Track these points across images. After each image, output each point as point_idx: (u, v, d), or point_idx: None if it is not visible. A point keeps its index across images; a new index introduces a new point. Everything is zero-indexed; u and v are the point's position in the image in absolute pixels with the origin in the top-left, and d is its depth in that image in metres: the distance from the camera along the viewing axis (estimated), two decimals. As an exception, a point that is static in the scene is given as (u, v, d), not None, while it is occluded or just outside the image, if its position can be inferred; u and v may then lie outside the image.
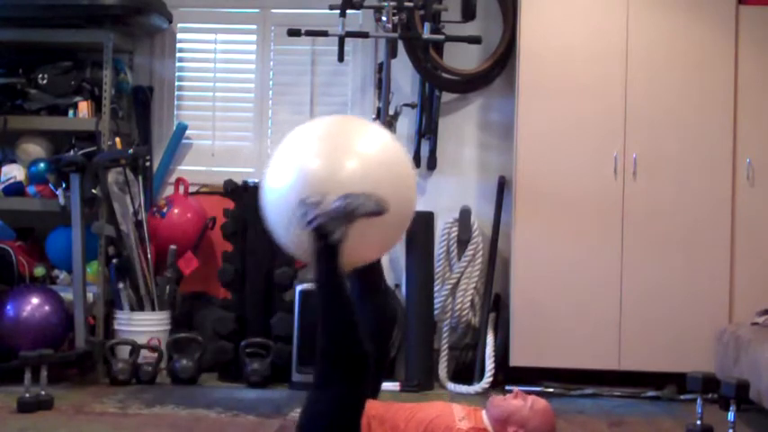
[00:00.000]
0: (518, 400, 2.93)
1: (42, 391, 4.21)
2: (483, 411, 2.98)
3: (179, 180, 5.47)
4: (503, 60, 5.34)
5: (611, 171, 4.85)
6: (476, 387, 4.88)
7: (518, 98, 4.94)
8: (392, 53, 4.94)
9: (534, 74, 4.91)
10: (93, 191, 4.89)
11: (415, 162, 5.26)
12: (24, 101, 5.19)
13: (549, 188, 4.88)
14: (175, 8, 5.53)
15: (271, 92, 5.64)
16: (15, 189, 5.12)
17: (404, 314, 4.97)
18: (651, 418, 4.34)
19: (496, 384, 4.92)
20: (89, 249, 4.94)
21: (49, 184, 5.05)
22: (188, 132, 5.59)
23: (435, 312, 5.10)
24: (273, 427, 3.97)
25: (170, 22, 5.51)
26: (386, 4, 4.87)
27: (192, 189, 5.54)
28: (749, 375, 3.98)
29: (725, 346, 4.53)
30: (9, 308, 4.80)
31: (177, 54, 5.67)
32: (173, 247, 5.20)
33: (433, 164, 5.36)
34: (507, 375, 4.94)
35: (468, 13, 4.99)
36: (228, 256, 5.08)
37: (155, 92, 5.61)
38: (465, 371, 5.15)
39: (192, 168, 5.60)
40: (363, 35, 5.05)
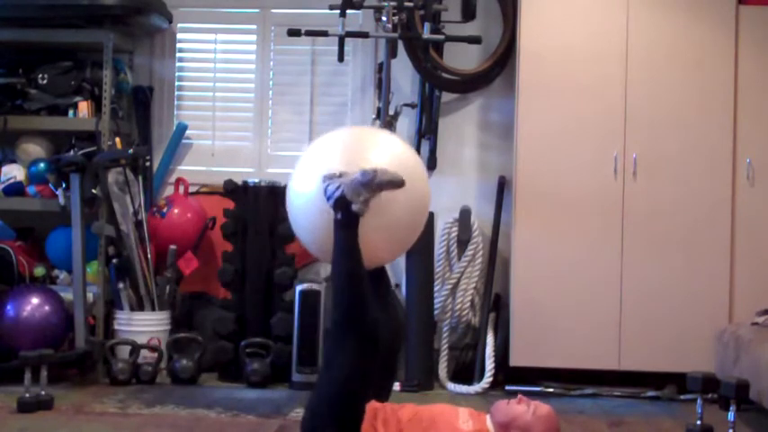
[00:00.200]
0: (522, 406, 2.95)
1: (42, 391, 4.20)
2: (487, 416, 3.00)
3: (179, 180, 5.47)
4: (503, 60, 5.34)
5: (611, 171, 4.85)
6: (476, 387, 4.88)
7: (518, 98, 4.94)
8: (392, 53, 4.94)
9: (534, 74, 4.91)
10: (93, 191, 4.89)
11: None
12: (24, 101, 5.19)
13: (549, 188, 4.88)
14: (175, 8, 5.53)
15: (271, 92, 5.64)
16: (15, 189, 5.12)
17: (404, 314, 4.97)
18: (651, 418, 4.33)
19: (496, 384, 4.92)
20: (89, 249, 4.93)
21: (49, 184, 5.05)
22: (188, 132, 5.59)
23: (435, 312, 5.10)
24: (273, 427, 3.96)
25: (170, 22, 5.51)
26: (386, 4, 4.86)
27: (192, 189, 5.54)
28: (749, 375, 3.97)
29: (725, 346, 4.53)
30: (9, 308, 4.80)
31: (177, 54, 5.67)
32: (173, 247, 5.20)
33: (433, 164, 5.36)
34: (507, 375, 4.94)
35: (468, 13, 5.00)
36: (228, 256, 5.08)
37: (155, 92, 5.62)
38: (465, 371, 5.15)
39: (192, 168, 5.61)
40: (363, 35, 5.05)
